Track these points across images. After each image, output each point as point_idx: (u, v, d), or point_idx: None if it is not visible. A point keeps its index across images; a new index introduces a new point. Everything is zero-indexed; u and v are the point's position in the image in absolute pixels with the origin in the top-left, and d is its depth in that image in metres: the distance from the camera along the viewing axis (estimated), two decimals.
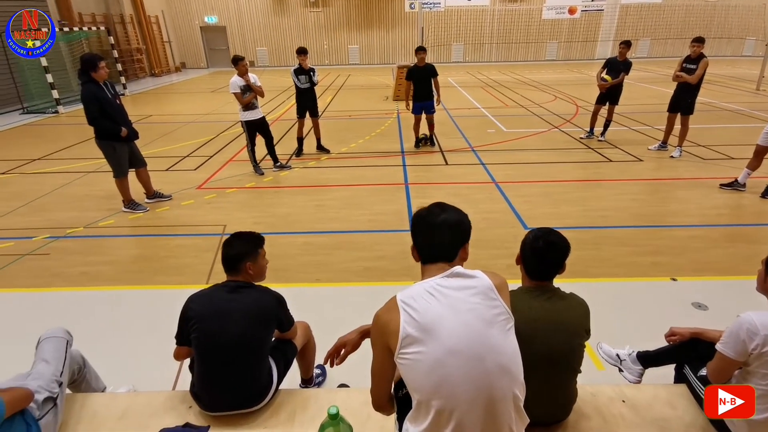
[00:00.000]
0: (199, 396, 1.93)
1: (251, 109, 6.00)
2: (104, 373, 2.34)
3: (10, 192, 5.79)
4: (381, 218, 4.88)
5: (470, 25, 22.21)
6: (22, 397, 1.70)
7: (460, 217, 1.45)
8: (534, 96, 12.71)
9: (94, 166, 6.66)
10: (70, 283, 3.73)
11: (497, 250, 3.93)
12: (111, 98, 4.70)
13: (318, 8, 21.73)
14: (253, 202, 5.52)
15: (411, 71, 7.19)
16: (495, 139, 8.18)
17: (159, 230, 4.73)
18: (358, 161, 6.98)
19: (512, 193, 5.51)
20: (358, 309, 2.15)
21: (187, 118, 10.53)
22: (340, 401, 1.98)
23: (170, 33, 21.39)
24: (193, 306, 1.93)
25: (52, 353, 1.98)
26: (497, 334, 1.26)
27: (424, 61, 7.07)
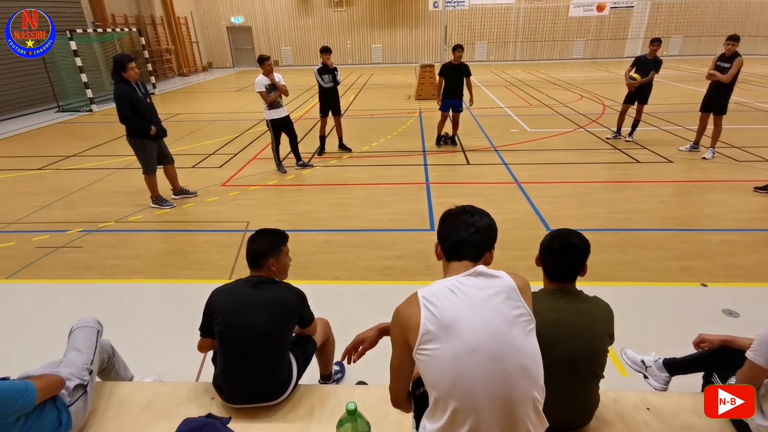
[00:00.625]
0: (221, 388, 1.97)
1: (276, 108, 6.09)
2: (131, 363, 2.42)
3: (47, 187, 6.05)
4: (401, 217, 4.88)
5: (494, 23, 21.95)
6: (54, 384, 1.78)
7: (490, 221, 1.47)
8: (559, 95, 12.47)
9: (125, 163, 6.89)
10: (101, 275, 3.87)
11: (519, 251, 3.88)
12: (142, 97, 4.84)
13: (342, 8, 21.86)
14: (276, 199, 5.60)
15: (446, 68, 7.19)
16: (518, 138, 8.06)
17: (185, 226, 4.85)
18: (380, 160, 7.00)
19: (535, 193, 5.42)
20: (378, 307, 2.16)
21: (213, 117, 10.76)
22: (359, 398, 1.99)
23: (198, 33, 21.90)
24: (217, 299, 1.98)
25: (83, 342, 2.06)
26: (519, 335, 1.25)
27: (460, 59, 7.05)
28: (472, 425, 1.21)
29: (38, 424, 1.68)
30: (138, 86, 4.84)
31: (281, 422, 1.93)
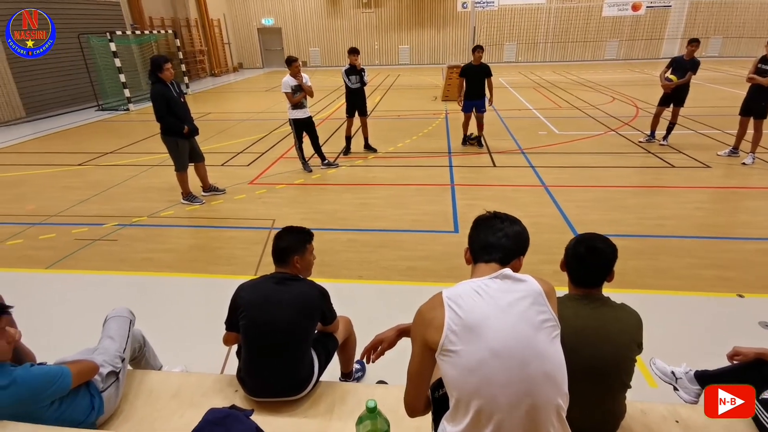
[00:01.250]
0: (244, 381, 2.02)
1: (300, 108, 6.18)
2: (160, 353, 2.51)
3: (86, 182, 6.32)
4: (426, 218, 4.87)
5: (524, 24, 21.60)
6: (89, 370, 1.86)
7: (521, 228, 1.48)
8: (590, 97, 12.17)
9: (158, 160, 7.13)
10: (134, 267, 4.02)
11: (544, 255, 3.80)
12: (176, 97, 5.01)
13: (370, 9, 21.97)
14: (301, 198, 5.69)
15: (466, 69, 7.23)
16: (546, 141, 7.91)
17: (213, 222, 4.98)
18: (405, 161, 7.00)
19: (562, 197, 5.31)
20: (400, 307, 2.17)
21: (243, 116, 11.01)
22: (378, 397, 1.99)
23: (230, 35, 22.43)
24: (242, 294, 2.03)
25: (116, 331, 2.15)
26: (543, 340, 1.23)
27: (480, 60, 7.08)
28: (494, 429, 1.20)
29: (72, 408, 1.76)
30: (173, 86, 5.01)
31: (302, 417, 1.96)
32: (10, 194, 5.92)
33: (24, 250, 4.37)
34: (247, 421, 1.75)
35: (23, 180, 6.52)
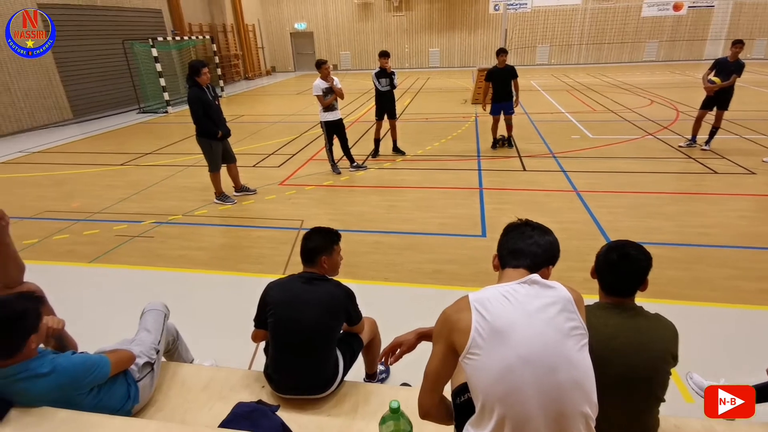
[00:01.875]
0: (271, 377, 2.06)
1: (331, 111, 6.27)
2: (191, 346, 2.60)
3: (127, 181, 6.62)
4: (453, 222, 4.84)
5: (558, 25, 21.14)
6: (126, 359, 1.95)
7: (552, 239, 1.47)
8: (627, 100, 11.78)
9: (193, 161, 7.38)
10: (169, 264, 4.18)
11: (574, 262, 3.71)
12: (211, 100, 5.19)
13: (401, 12, 22.04)
14: (329, 199, 5.76)
15: (491, 72, 7.26)
16: (579, 145, 7.72)
17: (244, 221, 5.12)
18: (433, 164, 6.98)
19: (595, 203, 5.17)
20: (425, 310, 2.17)
21: (274, 118, 11.25)
22: (402, 398, 1.99)
23: (264, 39, 22.99)
24: (271, 293, 2.08)
25: (152, 324, 2.25)
26: (572, 348, 1.21)
27: (504, 62, 7.11)
28: None
29: (110, 395, 1.85)
30: (208, 90, 5.19)
31: (326, 416, 1.99)
32: (58, 192, 6.27)
33: (69, 244, 4.62)
34: (273, 416, 1.80)
35: (70, 178, 6.89)
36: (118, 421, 1.62)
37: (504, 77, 7.14)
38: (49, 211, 5.51)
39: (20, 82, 10.33)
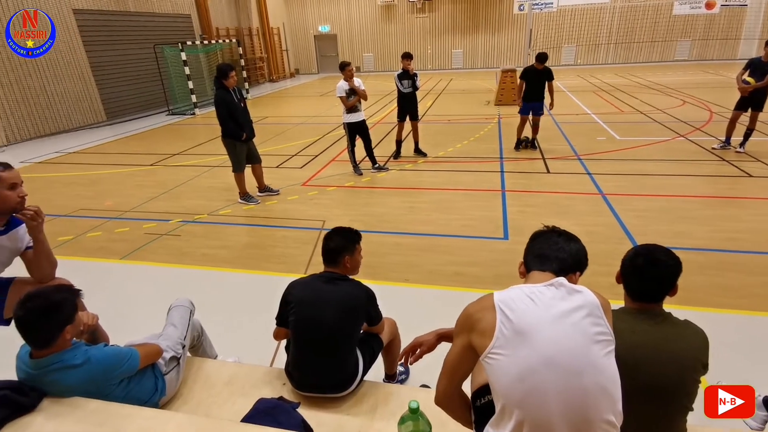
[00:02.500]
0: (292, 375, 2.10)
1: (354, 112, 6.31)
2: (215, 343, 2.66)
3: (156, 181, 6.83)
4: (474, 224, 4.81)
5: (585, 25, 20.70)
6: (154, 353, 2.02)
7: (580, 246, 1.46)
8: (657, 101, 11.44)
9: (218, 162, 7.56)
10: (195, 261, 4.30)
11: (599, 266, 3.62)
12: (237, 102, 5.30)
13: (424, 14, 22.01)
14: (351, 200, 5.80)
15: (527, 71, 7.24)
16: (605, 147, 7.54)
17: (267, 221, 5.21)
18: (455, 165, 6.95)
19: (622, 206, 5.04)
20: (446, 312, 2.16)
21: (298, 120, 11.41)
22: (421, 400, 1.99)
23: (288, 42, 23.33)
24: (293, 292, 2.11)
25: (179, 319, 2.32)
26: (598, 353, 1.19)
27: (542, 66, 7.14)
28: None
29: (139, 387, 1.91)
30: (234, 92, 5.30)
31: (345, 414, 2.01)
32: (92, 191, 6.52)
33: (102, 241, 4.80)
34: (294, 413, 1.83)
35: (103, 178, 7.15)
36: (147, 412, 1.68)
37: (539, 78, 7.12)
38: (83, 209, 5.73)
39: (57, 86, 10.79)
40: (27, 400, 1.63)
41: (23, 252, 2.18)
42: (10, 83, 9.65)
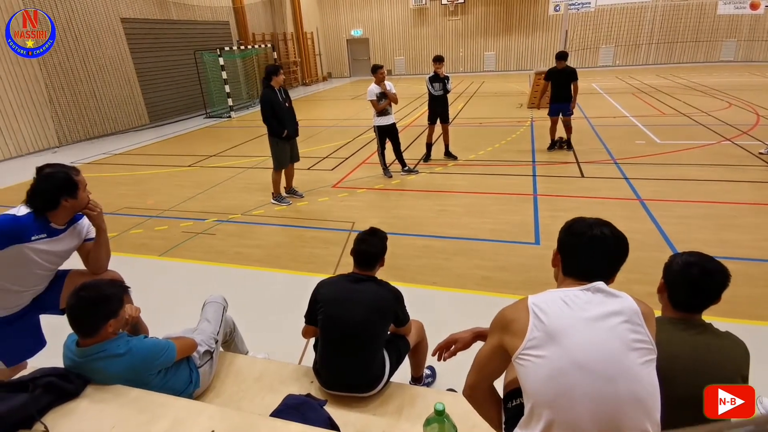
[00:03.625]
0: (320, 373, 2.13)
1: (384, 115, 6.35)
2: (246, 339, 2.74)
3: (194, 181, 7.09)
4: (504, 228, 4.74)
5: (624, 24, 20.03)
6: (190, 346, 2.10)
7: (624, 240, 1.35)
8: (701, 103, 10.93)
9: (253, 163, 7.77)
10: (228, 260, 4.43)
11: (636, 274, 3.50)
12: (281, 102, 5.44)
13: (456, 16, 21.89)
14: (380, 202, 5.83)
15: (551, 72, 7.23)
16: (644, 151, 7.27)
17: (297, 222, 5.31)
18: (486, 169, 6.87)
19: (661, 212, 4.85)
20: (474, 316, 2.15)
21: (329, 123, 11.57)
22: (447, 403, 1.99)
23: (321, 46, 23.71)
24: (322, 291, 2.15)
25: (212, 315, 2.40)
26: (635, 361, 1.15)
27: (564, 64, 7.07)
28: None
29: (175, 378, 2.00)
30: (280, 92, 5.44)
31: (371, 415, 2.02)
32: (136, 190, 6.84)
33: (143, 239, 5.03)
34: (321, 410, 1.86)
35: (145, 178, 7.49)
36: (182, 402, 1.75)
37: (563, 78, 7.04)
38: (127, 207, 6.02)
39: (106, 91, 11.38)
40: (72, 387, 1.73)
41: (82, 244, 2.31)
42: (62, 88, 10.26)
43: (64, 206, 2.12)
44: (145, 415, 1.64)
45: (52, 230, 2.15)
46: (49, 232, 2.13)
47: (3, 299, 2.16)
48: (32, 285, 2.22)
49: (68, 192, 2.10)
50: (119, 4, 11.63)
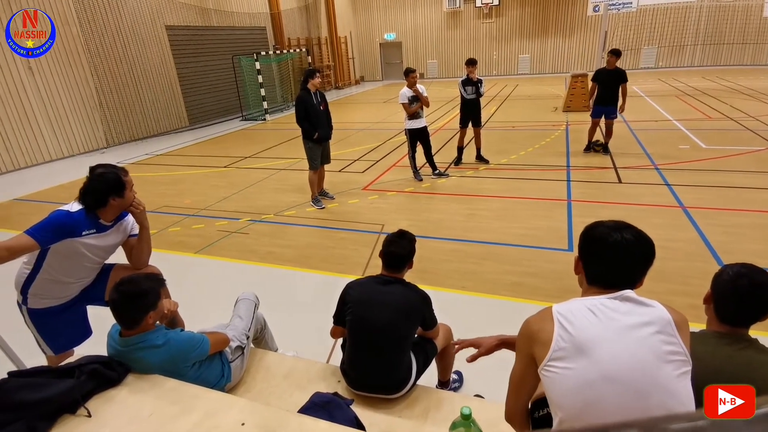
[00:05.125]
0: (347, 373, 2.15)
1: (416, 119, 6.35)
2: (276, 336, 2.80)
3: (229, 182, 7.32)
4: (536, 233, 4.64)
5: (667, 25, 19.23)
6: (222, 341, 2.17)
7: (648, 241, 1.28)
8: (749, 107, 10.35)
9: (286, 165, 7.93)
10: (261, 259, 4.54)
11: (676, 285, 3.36)
12: (316, 105, 5.53)
13: (491, 19, 21.64)
14: (410, 205, 5.83)
15: (599, 73, 7.02)
16: (688, 156, 6.95)
17: (328, 223, 5.38)
18: (517, 173, 6.75)
19: (706, 221, 4.62)
20: (502, 322, 2.12)
21: (361, 126, 11.67)
22: (474, 409, 1.97)
23: (354, 50, 23.97)
24: (350, 292, 2.18)
25: (244, 311, 2.47)
26: (669, 374, 1.10)
27: (614, 64, 6.81)
28: None
29: (208, 371, 2.07)
30: (315, 95, 5.54)
31: (397, 416, 2.02)
32: (174, 190, 7.12)
33: (180, 236, 5.23)
34: (347, 409, 1.88)
35: (184, 178, 7.78)
36: (214, 395, 1.81)
37: (611, 79, 6.82)
38: (166, 206, 6.28)
39: (150, 95, 11.92)
40: (114, 375, 1.82)
41: (127, 240, 2.47)
42: (111, 92, 10.82)
43: (112, 205, 2.27)
44: (179, 406, 1.71)
45: (101, 226, 2.30)
46: (98, 228, 2.28)
47: (55, 290, 2.31)
48: (81, 277, 2.37)
49: (116, 192, 2.25)
50: (164, 13, 12.17)
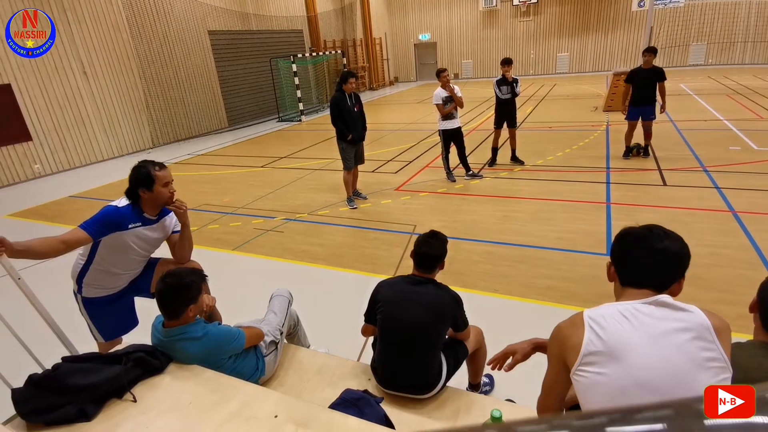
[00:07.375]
0: (377, 371, 2.18)
1: (450, 119, 6.31)
2: (309, 333, 2.86)
3: (265, 181, 7.52)
4: (572, 237, 4.51)
5: (717, 20, 18.17)
6: (257, 336, 2.24)
7: (681, 245, 1.25)
8: None
9: (320, 165, 8.07)
10: (295, 257, 4.65)
11: (721, 293, 3.18)
12: (350, 106, 5.60)
13: (528, 17, 21.16)
14: (442, 206, 5.80)
15: (633, 73, 6.68)
16: (740, 158, 6.56)
17: (361, 223, 5.44)
18: (554, 175, 6.58)
19: (758, 226, 4.35)
20: (536, 327, 2.08)
21: (395, 126, 11.70)
22: (505, 412, 1.95)
23: (389, 51, 24.06)
24: (382, 291, 2.20)
25: (279, 307, 2.54)
26: (709, 381, 1.06)
27: (650, 63, 6.50)
28: None
29: (243, 364, 2.15)
30: (350, 97, 5.62)
31: (426, 417, 2.03)
32: (214, 188, 7.40)
33: (219, 233, 5.42)
34: (377, 407, 1.90)
35: (223, 178, 8.07)
36: (249, 387, 1.87)
37: (648, 79, 6.50)
38: (206, 204, 6.53)
39: (193, 97, 12.43)
40: (158, 363, 1.92)
41: (170, 236, 2.61)
42: (157, 95, 11.36)
43: (143, 197, 2.41)
44: (217, 395, 1.78)
45: (146, 220, 2.45)
46: (143, 221, 2.44)
47: (106, 280, 2.47)
48: (129, 268, 2.52)
49: (145, 184, 2.38)
50: (207, 19, 12.65)
